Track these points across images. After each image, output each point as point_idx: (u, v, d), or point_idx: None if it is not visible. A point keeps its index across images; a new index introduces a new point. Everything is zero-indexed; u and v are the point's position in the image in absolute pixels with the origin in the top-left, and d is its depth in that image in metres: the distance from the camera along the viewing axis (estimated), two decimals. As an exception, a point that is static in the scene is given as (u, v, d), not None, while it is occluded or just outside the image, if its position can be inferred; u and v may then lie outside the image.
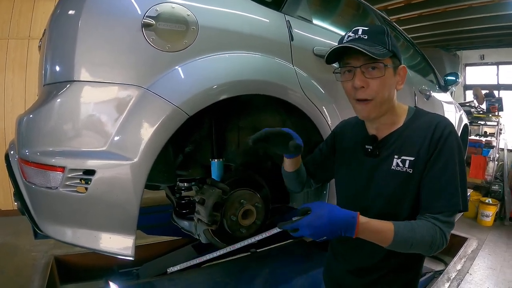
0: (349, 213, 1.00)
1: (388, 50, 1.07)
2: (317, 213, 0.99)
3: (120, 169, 1.19)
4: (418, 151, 1.09)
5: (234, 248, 1.60)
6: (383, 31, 1.11)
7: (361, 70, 1.08)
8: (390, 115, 1.16)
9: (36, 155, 1.20)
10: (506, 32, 6.37)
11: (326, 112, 1.80)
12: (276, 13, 1.70)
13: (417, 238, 1.01)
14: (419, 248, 1.04)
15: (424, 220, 1.05)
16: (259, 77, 1.50)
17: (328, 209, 1.01)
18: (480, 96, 6.51)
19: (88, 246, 1.23)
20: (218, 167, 1.64)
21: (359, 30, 1.09)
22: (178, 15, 1.30)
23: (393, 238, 1.00)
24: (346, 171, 1.30)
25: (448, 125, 1.09)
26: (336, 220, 0.98)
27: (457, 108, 4.23)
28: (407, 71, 1.19)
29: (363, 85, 1.08)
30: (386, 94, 1.10)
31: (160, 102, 1.23)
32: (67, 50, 1.23)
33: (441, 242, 1.03)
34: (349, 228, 0.99)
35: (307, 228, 0.98)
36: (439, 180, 1.05)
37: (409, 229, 1.01)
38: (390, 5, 5.60)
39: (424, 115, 1.17)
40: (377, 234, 1.02)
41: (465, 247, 4.06)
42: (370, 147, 1.20)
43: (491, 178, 5.95)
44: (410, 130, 1.14)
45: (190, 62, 1.32)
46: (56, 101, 1.19)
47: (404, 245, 1.03)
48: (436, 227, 1.03)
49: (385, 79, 1.08)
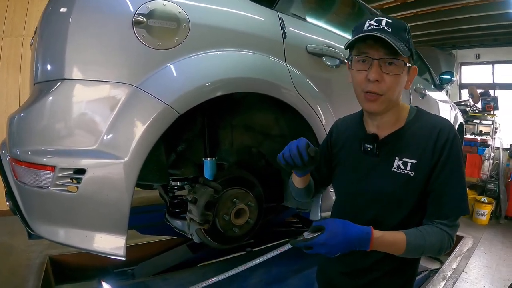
0: (363, 229, 1.01)
1: (408, 49, 1.04)
2: (332, 231, 0.99)
3: (111, 168, 1.18)
4: (420, 154, 1.07)
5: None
6: (405, 28, 1.06)
7: (379, 63, 1.03)
8: (392, 114, 1.13)
9: (26, 154, 1.19)
10: (501, 32, 6.38)
11: (320, 110, 1.79)
12: (269, 11, 1.69)
13: (428, 245, 1.03)
14: (430, 253, 1.08)
15: (432, 225, 1.07)
16: (251, 75, 1.49)
17: (342, 226, 1.01)
18: (475, 95, 6.52)
19: (80, 246, 1.22)
20: (210, 166, 1.63)
21: (382, 21, 1.04)
22: (169, 13, 1.29)
23: (406, 248, 1.03)
24: (344, 170, 1.28)
25: (452, 129, 1.08)
26: (351, 237, 0.99)
27: (452, 107, 4.24)
28: None
29: (378, 79, 1.03)
30: (396, 92, 1.07)
31: (151, 100, 1.22)
32: (58, 48, 1.23)
33: (448, 244, 1.06)
34: (364, 244, 1.00)
35: (322, 247, 0.99)
36: (447, 186, 1.06)
37: (420, 238, 1.03)
38: (386, 3, 5.59)
39: (426, 116, 1.15)
40: (391, 246, 1.04)
41: (461, 246, 4.08)
42: (370, 146, 1.16)
43: (487, 176, 5.96)
44: (412, 131, 1.11)
45: (181, 60, 1.31)
46: (47, 99, 1.19)
47: (416, 253, 1.06)
48: (444, 232, 1.05)
49: (400, 77, 1.05)
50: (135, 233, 2.65)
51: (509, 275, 3.50)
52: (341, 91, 1.94)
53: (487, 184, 5.75)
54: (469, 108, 6.51)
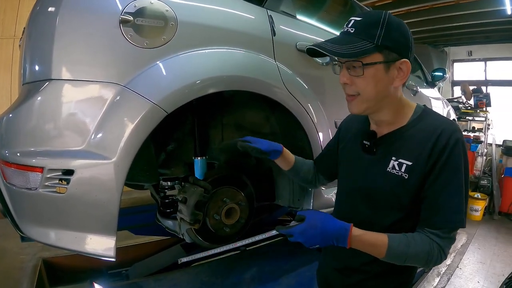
0: (341, 225, 1.00)
1: (376, 45, 0.98)
2: (310, 223, 0.99)
3: (99, 168, 1.18)
4: (417, 157, 1.02)
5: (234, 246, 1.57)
6: (376, 21, 1.00)
7: (347, 66, 1.04)
8: (389, 112, 1.09)
9: (15, 156, 1.18)
10: (493, 29, 6.42)
11: (311, 108, 1.79)
12: (258, 8, 1.68)
13: (411, 254, 0.98)
14: (414, 263, 1.02)
15: (422, 234, 1.01)
16: (239, 73, 1.49)
17: (321, 219, 1.00)
18: (468, 92, 6.56)
19: (70, 247, 1.22)
20: (201, 165, 1.63)
21: (351, 22, 1.04)
22: (157, 11, 1.28)
23: (386, 252, 0.99)
24: (345, 165, 1.27)
25: (455, 132, 1.01)
26: (328, 231, 0.98)
27: (444, 104, 4.26)
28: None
29: (347, 82, 1.04)
30: (374, 90, 1.02)
31: (138, 99, 1.22)
32: (45, 48, 1.22)
33: (438, 257, 1.00)
34: (341, 239, 0.99)
35: (300, 235, 0.99)
36: (441, 195, 1.00)
37: (404, 245, 0.99)
38: (378, 1, 5.62)
39: (431, 117, 1.09)
40: (370, 247, 1.01)
41: (455, 242, 4.09)
42: (368, 143, 1.14)
43: (480, 173, 6.02)
44: (413, 132, 1.07)
45: (168, 58, 1.30)
46: (34, 100, 1.18)
47: (397, 260, 1.01)
48: (433, 243, 0.99)
49: (369, 77, 1.01)
50: (129, 234, 2.64)
51: (503, 270, 3.52)
52: (332, 89, 1.93)
53: (480, 180, 5.81)
54: (462, 105, 6.56)
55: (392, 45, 1.00)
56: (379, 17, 1.02)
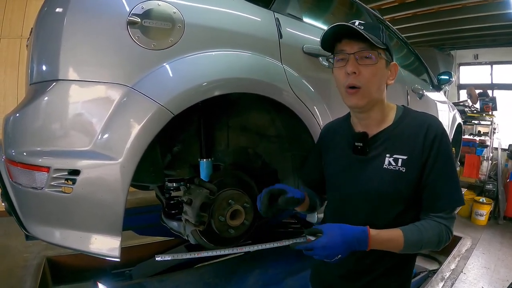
0: (359, 229, 1.04)
1: (382, 43, 1.10)
2: (330, 234, 1.02)
3: (105, 169, 1.18)
4: (411, 150, 1.10)
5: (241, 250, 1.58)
6: (378, 27, 1.15)
7: (355, 57, 1.10)
8: (379, 111, 1.17)
9: (21, 155, 1.19)
10: (500, 32, 6.41)
11: (317, 111, 1.78)
12: (265, 11, 1.68)
13: (425, 240, 1.06)
14: (429, 247, 1.10)
15: (428, 220, 1.10)
16: (246, 75, 1.49)
17: (338, 229, 1.04)
18: (474, 95, 6.54)
19: (75, 247, 1.22)
20: (206, 166, 1.63)
21: (355, 22, 1.10)
22: (164, 13, 1.28)
23: (404, 243, 1.05)
24: (335, 173, 1.29)
25: (439, 125, 1.13)
26: (349, 238, 1.02)
27: (450, 108, 4.24)
28: (399, 69, 1.21)
29: (355, 71, 1.09)
30: (376, 84, 1.12)
31: (145, 101, 1.21)
32: (53, 49, 1.22)
33: (447, 237, 1.10)
34: (362, 244, 1.03)
35: (323, 250, 1.01)
36: (440, 180, 1.09)
37: (417, 233, 1.06)
38: (384, 4, 5.62)
39: (413, 114, 1.19)
40: (388, 243, 1.06)
41: (459, 246, 4.09)
42: (360, 144, 1.19)
43: (485, 177, 5.98)
44: (401, 129, 1.15)
45: (175, 60, 1.30)
46: (41, 100, 1.18)
47: (414, 248, 1.08)
48: (441, 225, 1.08)
49: (377, 68, 1.11)
50: (133, 234, 2.65)
51: (508, 275, 3.51)
52: (338, 92, 1.93)
53: (486, 184, 5.77)
54: (468, 109, 6.53)
55: (390, 49, 1.15)
56: (378, 24, 1.20)
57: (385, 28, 1.16)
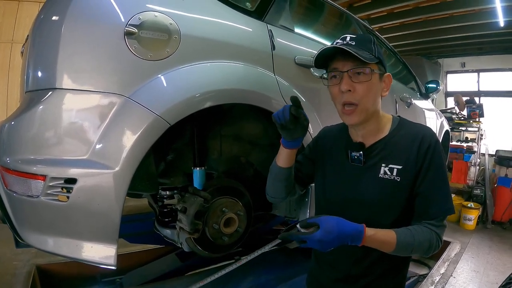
0: (357, 228, 1.05)
1: (375, 57, 1.11)
2: (327, 229, 1.03)
3: (102, 177, 1.19)
4: (405, 160, 1.13)
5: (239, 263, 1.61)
6: (370, 39, 1.16)
7: (348, 75, 1.11)
8: (375, 122, 1.19)
9: (17, 163, 1.19)
10: (486, 40, 6.54)
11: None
12: (258, 23, 1.71)
13: (416, 244, 1.08)
14: (419, 252, 1.11)
15: (421, 226, 1.11)
16: (240, 86, 1.51)
17: (336, 224, 1.04)
18: (461, 102, 6.63)
19: (70, 255, 1.22)
20: (199, 175, 1.64)
21: (347, 37, 1.13)
22: (161, 24, 1.30)
23: (396, 245, 1.07)
24: (329, 178, 1.30)
25: (433, 135, 1.15)
26: (345, 235, 1.03)
27: (438, 115, 4.31)
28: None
29: (350, 89, 1.11)
30: (371, 100, 1.14)
31: (142, 111, 1.23)
32: (49, 57, 1.23)
33: (437, 244, 1.11)
34: (355, 241, 1.05)
35: (318, 243, 1.02)
36: (433, 188, 1.11)
37: (409, 236, 1.08)
38: (373, 14, 5.70)
39: (408, 125, 1.22)
40: (382, 244, 1.08)
41: (449, 251, 4.13)
42: (357, 154, 1.20)
43: (473, 182, 6.06)
44: (397, 139, 1.17)
45: (172, 71, 1.32)
46: (38, 108, 1.19)
47: (405, 251, 1.10)
48: (432, 232, 1.10)
49: (371, 84, 1.12)
50: (123, 242, 2.64)
51: (497, 279, 3.54)
52: (328, 101, 1.94)
53: (474, 189, 5.85)
54: (455, 116, 6.61)
55: (382, 60, 1.16)
56: (369, 37, 1.19)
57: (376, 39, 1.18)
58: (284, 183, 1.36)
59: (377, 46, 1.15)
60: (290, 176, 1.35)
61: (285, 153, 1.29)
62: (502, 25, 5.23)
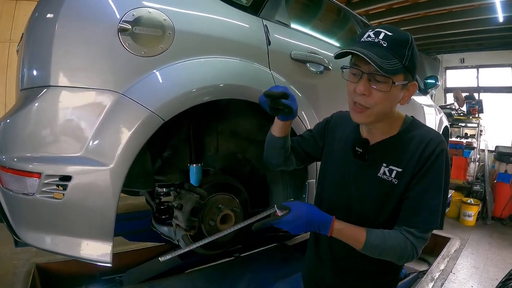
0: (325, 218, 1.08)
1: (403, 66, 1.01)
2: (296, 214, 1.07)
3: (96, 174, 1.19)
4: (406, 164, 1.09)
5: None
6: (406, 41, 1.02)
7: (368, 77, 1.02)
8: (385, 123, 1.13)
9: (12, 161, 1.19)
10: (485, 36, 6.51)
11: (305, 116, 1.82)
12: (253, 18, 1.70)
13: (386, 249, 1.07)
14: (388, 257, 1.09)
15: (398, 232, 1.08)
16: (235, 81, 1.51)
17: (306, 210, 1.08)
18: (460, 98, 6.63)
19: (66, 253, 1.22)
20: (196, 172, 1.64)
21: (381, 33, 1.01)
22: (155, 20, 1.30)
23: (364, 244, 1.07)
24: (332, 167, 1.30)
25: (440, 143, 1.08)
26: (312, 221, 1.07)
27: (437, 111, 4.30)
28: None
29: (365, 93, 1.03)
30: (385, 108, 1.06)
31: (136, 107, 1.23)
32: (44, 55, 1.23)
33: (411, 255, 1.07)
34: (323, 231, 1.08)
35: (287, 225, 1.07)
36: (422, 196, 1.07)
37: (380, 239, 1.07)
38: (371, 10, 5.69)
39: (419, 128, 1.14)
40: (349, 239, 1.10)
41: (448, 247, 4.13)
42: (360, 150, 1.18)
43: (473, 178, 6.08)
44: (403, 141, 1.12)
45: (166, 67, 1.32)
46: (32, 106, 1.19)
47: (373, 252, 1.09)
48: (408, 241, 1.06)
49: (390, 94, 1.02)
50: (123, 240, 2.64)
51: (497, 275, 3.55)
52: (325, 97, 1.97)
53: (473, 186, 5.86)
54: (454, 112, 6.62)
55: (412, 69, 1.04)
56: (407, 37, 1.03)
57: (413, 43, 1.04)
58: (281, 151, 1.37)
59: (412, 50, 1.03)
60: (285, 144, 1.36)
61: (279, 124, 1.31)
62: (502, 20, 5.21)
